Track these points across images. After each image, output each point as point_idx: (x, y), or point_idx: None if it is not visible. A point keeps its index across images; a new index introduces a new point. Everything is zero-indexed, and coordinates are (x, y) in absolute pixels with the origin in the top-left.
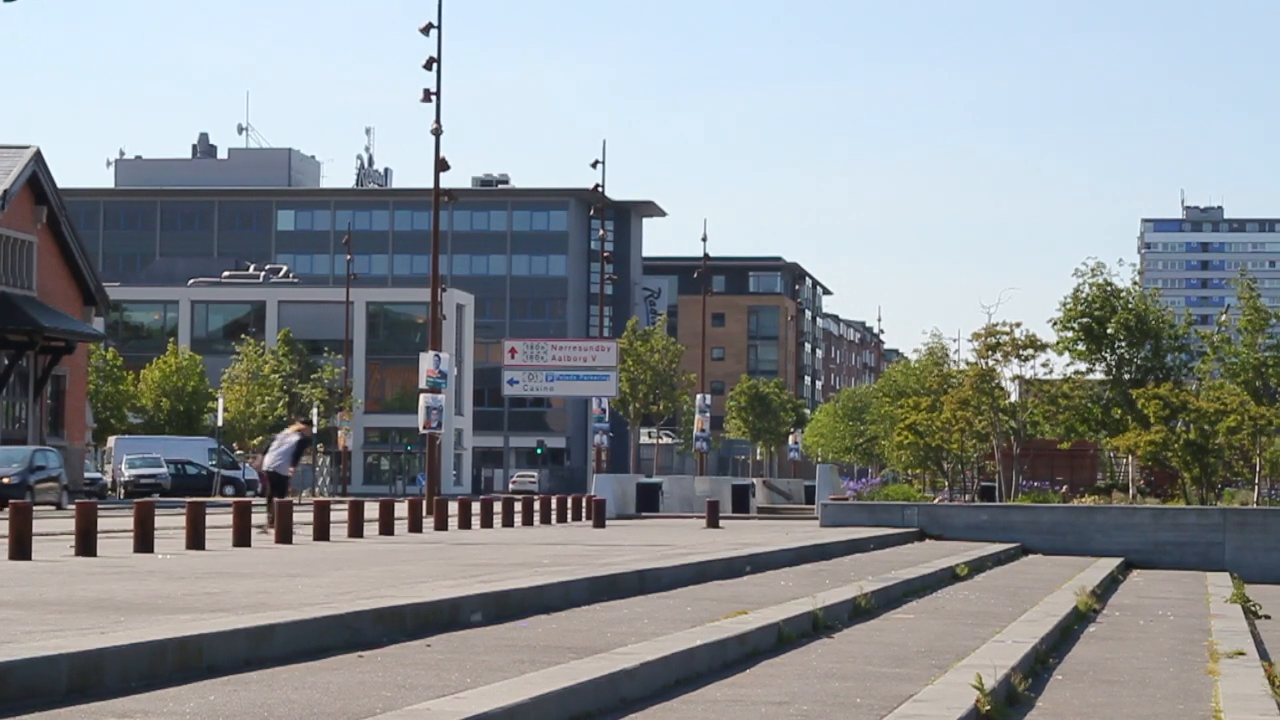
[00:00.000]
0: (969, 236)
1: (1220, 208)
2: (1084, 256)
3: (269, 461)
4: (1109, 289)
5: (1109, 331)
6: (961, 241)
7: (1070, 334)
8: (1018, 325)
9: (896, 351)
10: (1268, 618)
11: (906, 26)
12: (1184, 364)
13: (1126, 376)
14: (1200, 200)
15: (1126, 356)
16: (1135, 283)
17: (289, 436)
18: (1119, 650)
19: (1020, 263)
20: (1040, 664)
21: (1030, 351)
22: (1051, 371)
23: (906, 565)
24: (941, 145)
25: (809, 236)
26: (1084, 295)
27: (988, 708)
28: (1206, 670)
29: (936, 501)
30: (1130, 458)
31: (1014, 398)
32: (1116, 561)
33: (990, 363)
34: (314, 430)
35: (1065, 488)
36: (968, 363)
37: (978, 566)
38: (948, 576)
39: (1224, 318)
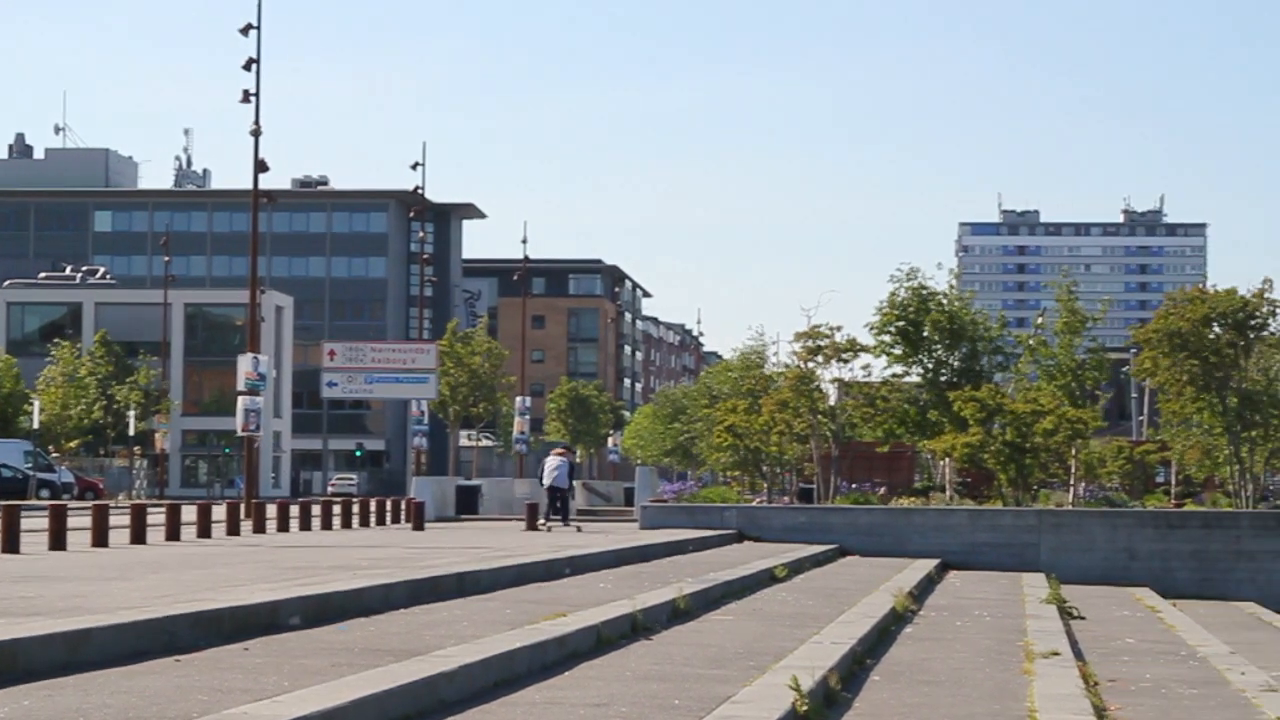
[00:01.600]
0: (789, 239)
1: (1037, 211)
2: (903, 259)
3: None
4: (924, 293)
5: (925, 335)
6: (782, 244)
7: (887, 338)
8: (837, 329)
9: (716, 354)
10: (1083, 618)
11: (726, 29)
12: (1000, 366)
13: (943, 379)
14: (1017, 204)
15: (943, 359)
16: (951, 286)
17: (555, 460)
18: (936, 651)
19: (841, 265)
20: (858, 665)
21: (849, 354)
22: (870, 374)
23: (725, 567)
24: (762, 147)
25: (629, 239)
26: (900, 300)
27: (805, 708)
28: (1022, 670)
29: (755, 503)
30: (947, 460)
31: (833, 400)
32: (934, 563)
33: (810, 365)
34: (574, 455)
35: (883, 489)
36: (787, 365)
37: (796, 568)
38: (766, 578)
39: (1040, 320)
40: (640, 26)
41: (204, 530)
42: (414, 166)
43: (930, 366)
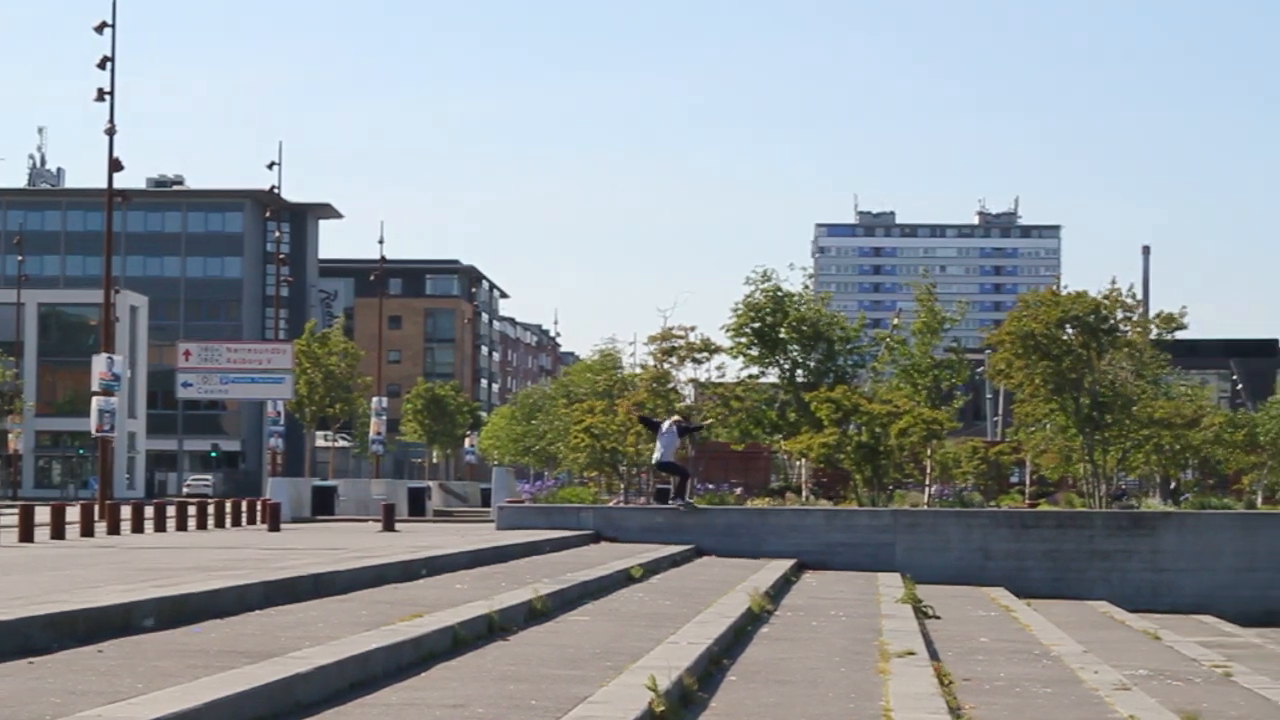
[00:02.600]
0: (647, 240)
1: (892, 213)
2: (760, 260)
3: (658, 455)
4: (780, 294)
5: (781, 336)
6: (639, 245)
7: (743, 339)
8: (693, 329)
9: (573, 354)
10: (938, 618)
11: (582, 29)
12: (856, 366)
13: (800, 380)
14: (873, 205)
15: (800, 360)
16: (807, 287)
17: (669, 427)
18: (792, 650)
19: (698, 266)
20: (714, 665)
21: (705, 355)
22: (726, 375)
23: (582, 567)
24: (620, 148)
25: (487, 240)
26: (755, 301)
27: (662, 708)
28: (878, 669)
29: (612, 504)
30: (804, 460)
31: (689, 401)
32: (790, 563)
33: (666, 366)
34: (687, 421)
35: (740, 490)
36: (643, 366)
37: (653, 568)
38: (623, 578)
39: (897, 320)
40: (499, 27)
41: (58, 531)
42: (270, 166)
43: (787, 367)
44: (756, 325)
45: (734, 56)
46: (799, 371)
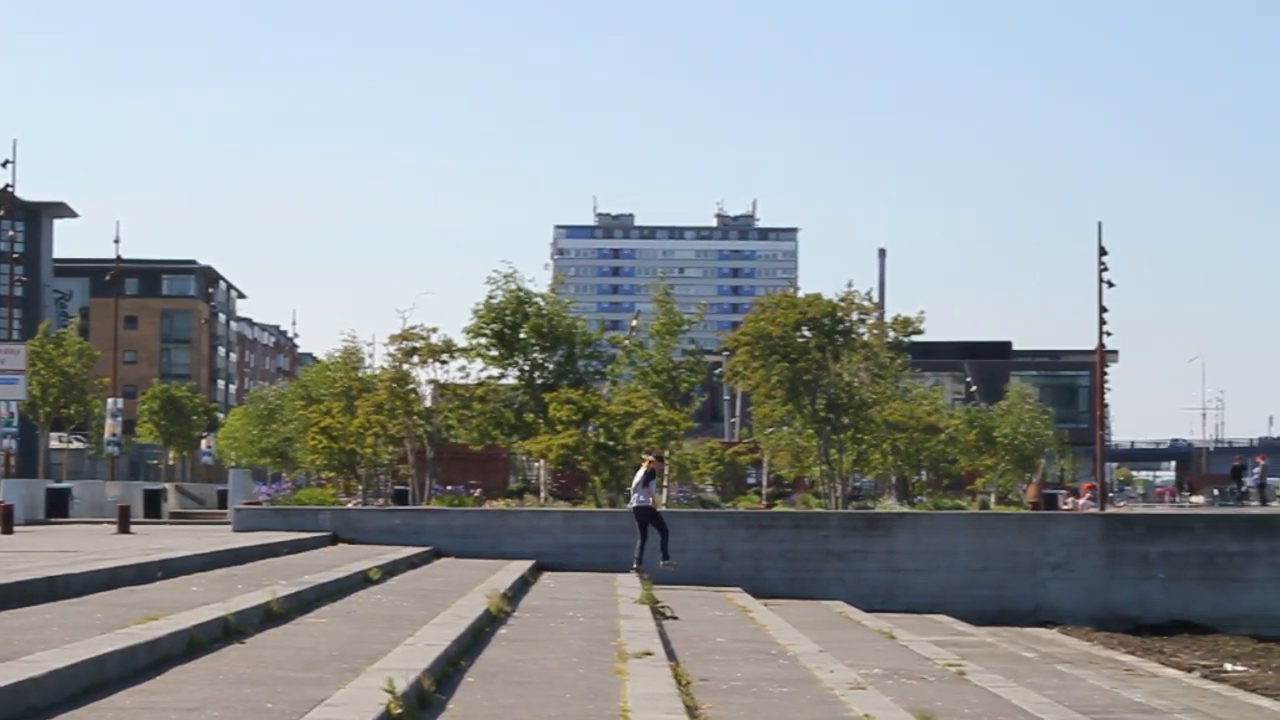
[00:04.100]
0: (387, 241)
1: (631, 214)
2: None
3: (636, 500)
4: (520, 295)
5: (521, 337)
6: (379, 246)
7: (483, 340)
8: (434, 330)
9: (311, 355)
10: (675, 618)
11: (320, 29)
12: (596, 369)
13: (539, 381)
14: (612, 207)
15: (539, 361)
16: (552, 288)
17: (641, 471)
18: (530, 652)
19: (439, 267)
20: (452, 666)
21: (445, 356)
22: (467, 376)
23: (320, 569)
24: (359, 147)
25: (224, 240)
26: (496, 302)
27: (399, 711)
28: (615, 670)
29: (350, 505)
30: (542, 461)
31: (429, 402)
32: (528, 564)
33: (405, 367)
34: (661, 462)
35: (479, 491)
36: (383, 367)
37: (391, 570)
38: (361, 580)
39: (635, 322)
40: (227, 26)
41: None
42: (4, 164)
43: (527, 369)
44: (496, 326)
45: (473, 56)
46: (538, 373)
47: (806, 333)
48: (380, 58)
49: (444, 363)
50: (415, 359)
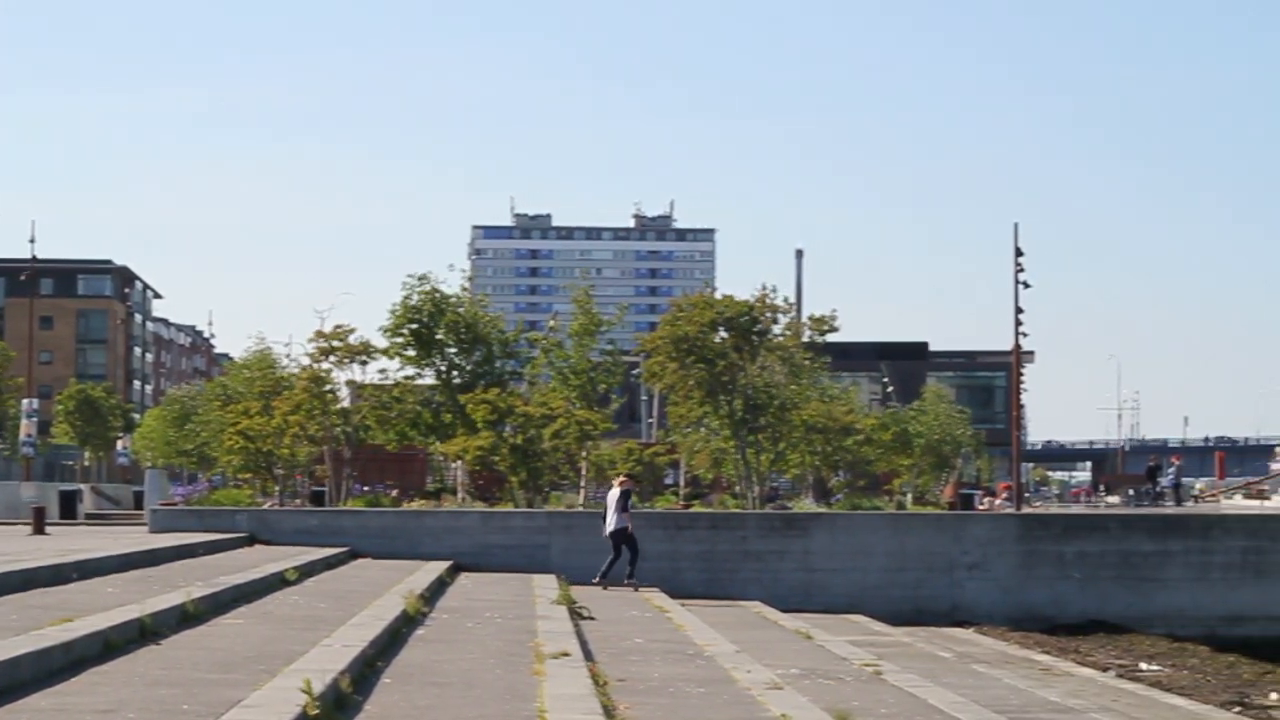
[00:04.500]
0: (305, 241)
1: (549, 215)
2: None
3: (613, 525)
4: (438, 296)
5: (439, 337)
6: (296, 247)
7: (401, 340)
8: (351, 331)
9: (228, 355)
10: (593, 619)
11: (223, 28)
12: (513, 370)
13: (457, 381)
14: (530, 207)
15: (457, 362)
16: (465, 289)
17: (614, 493)
18: (447, 652)
19: (357, 267)
20: (369, 667)
21: (363, 357)
22: (385, 376)
23: (236, 570)
24: (275, 147)
25: (140, 240)
26: (413, 303)
27: (316, 712)
28: (533, 671)
29: (267, 506)
30: (460, 462)
31: (346, 402)
32: (446, 564)
33: (323, 367)
34: (634, 481)
35: (396, 492)
36: (301, 367)
37: (308, 571)
38: (277, 581)
39: (553, 323)
40: (145, 26)
41: None
42: None
43: (444, 369)
44: (414, 326)
45: (391, 57)
46: (456, 373)
47: (723, 333)
48: (295, 59)
49: (363, 364)
50: (333, 359)
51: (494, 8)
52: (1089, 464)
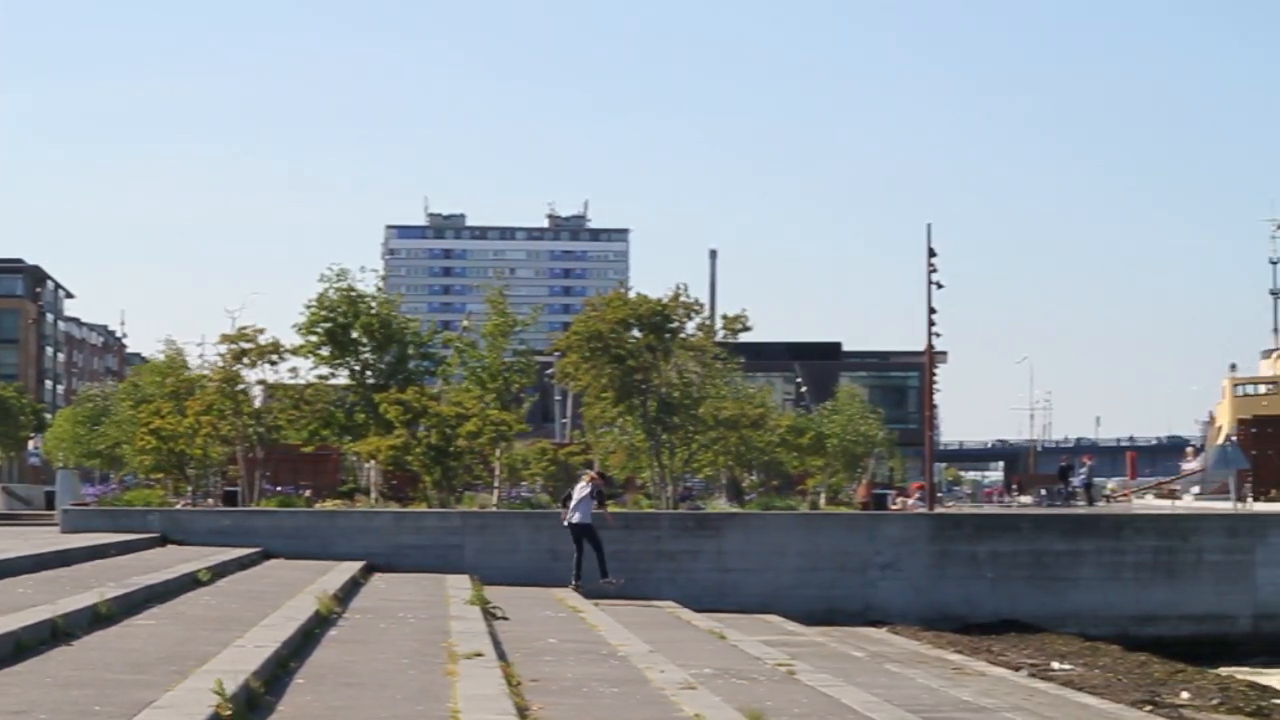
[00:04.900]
0: (216, 241)
1: (463, 215)
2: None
3: (577, 517)
4: (353, 294)
5: (353, 336)
6: (208, 246)
7: (314, 339)
8: (262, 331)
9: (140, 355)
10: (506, 619)
11: (148, 23)
12: (427, 370)
13: (370, 381)
14: (444, 207)
15: (371, 361)
16: (379, 288)
17: (583, 486)
18: (361, 653)
19: (271, 267)
20: (282, 668)
21: (275, 356)
22: (297, 376)
23: (149, 571)
24: (184, 146)
25: (52, 239)
26: (328, 301)
27: (228, 713)
28: (446, 671)
29: (179, 507)
30: (373, 462)
31: (259, 402)
32: (359, 565)
33: (236, 367)
34: (602, 479)
35: (309, 492)
36: (213, 367)
37: (220, 571)
38: (190, 582)
39: (467, 323)
40: (56, 20)
41: None
42: None
43: (358, 369)
44: (328, 325)
45: (305, 56)
46: (370, 373)
47: (637, 333)
48: (210, 57)
49: (273, 363)
50: (245, 359)
51: (408, 7)
52: (1002, 464)
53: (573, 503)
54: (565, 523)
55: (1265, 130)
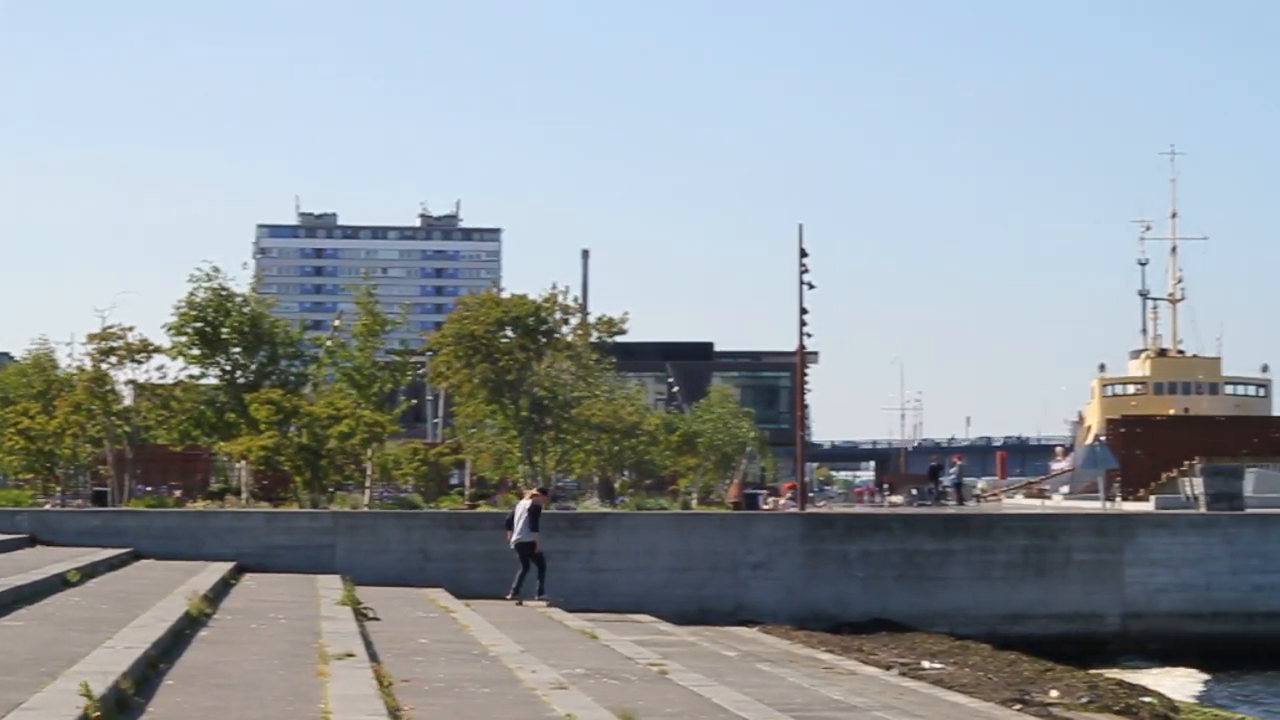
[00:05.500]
0: (83, 239)
1: (334, 214)
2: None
3: (517, 535)
4: (224, 294)
5: (224, 336)
6: (76, 244)
7: (184, 338)
8: (131, 329)
9: (8, 355)
10: (378, 620)
11: (30, 18)
12: (299, 370)
13: (241, 381)
14: (315, 206)
15: (241, 361)
16: (251, 288)
17: (524, 504)
18: (232, 654)
19: (138, 266)
20: (152, 669)
21: (144, 356)
22: (166, 375)
23: (16, 572)
24: (53, 141)
25: None
26: (198, 300)
27: (97, 714)
28: (317, 672)
29: (48, 507)
30: (244, 462)
31: (128, 402)
32: (230, 565)
33: (104, 367)
34: (545, 495)
35: (179, 492)
36: (80, 367)
37: (90, 572)
38: (59, 583)
39: (338, 323)
40: None
41: None
42: None
43: (228, 368)
44: (199, 325)
45: (173, 53)
46: (240, 373)
47: (510, 333)
48: (74, 51)
49: (140, 362)
50: (114, 359)
51: (278, 6)
52: (873, 464)
53: (516, 522)
54: (510, 544)
55: (1135, 127)
